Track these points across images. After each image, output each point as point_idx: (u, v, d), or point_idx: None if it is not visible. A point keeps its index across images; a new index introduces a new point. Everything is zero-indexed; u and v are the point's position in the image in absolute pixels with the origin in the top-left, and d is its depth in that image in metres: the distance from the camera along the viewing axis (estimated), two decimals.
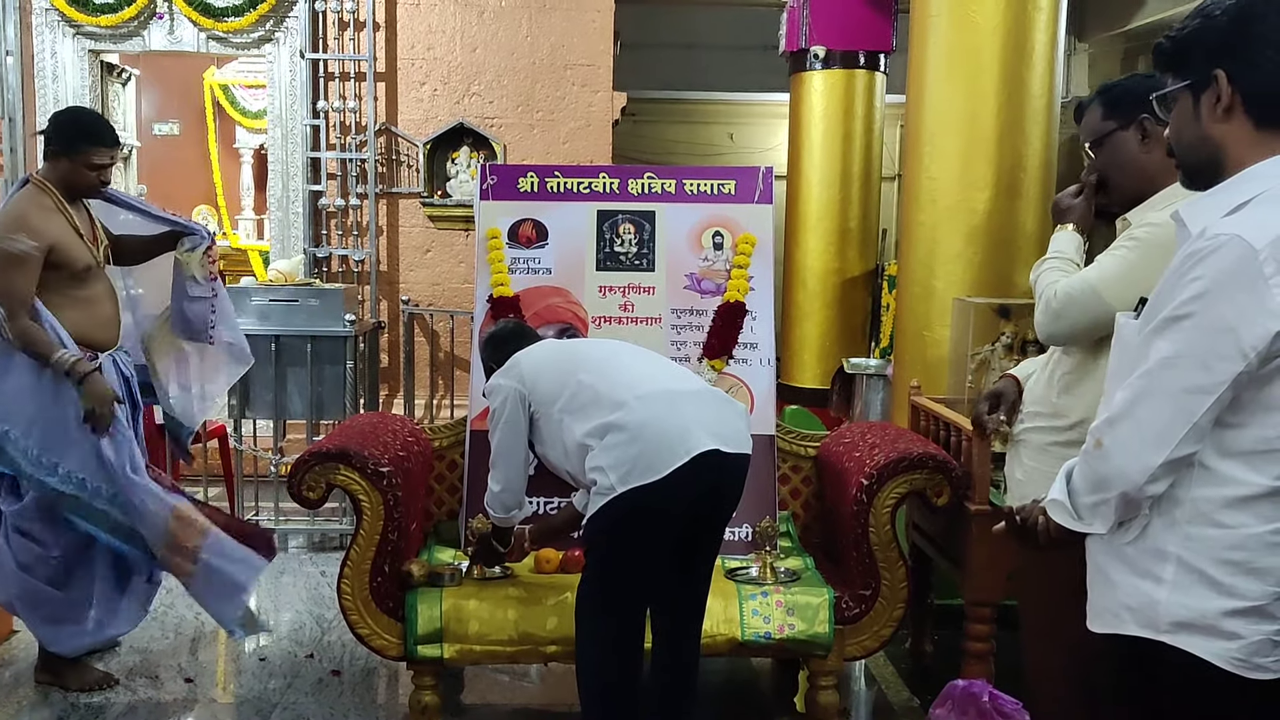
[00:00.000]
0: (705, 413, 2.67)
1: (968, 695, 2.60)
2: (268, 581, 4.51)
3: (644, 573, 2.68)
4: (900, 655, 3.72)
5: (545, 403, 2.81)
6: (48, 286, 3.24)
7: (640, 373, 2.78)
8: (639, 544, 2.63)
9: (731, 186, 3.68)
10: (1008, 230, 4.18)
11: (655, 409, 2.62)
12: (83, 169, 3.27)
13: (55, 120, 3.36)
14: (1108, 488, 1.56)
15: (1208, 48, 1.56)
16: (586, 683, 2.71)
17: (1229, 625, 1.50)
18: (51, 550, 3.31)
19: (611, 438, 2.60)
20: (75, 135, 3.29)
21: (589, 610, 2.71)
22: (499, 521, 3.00)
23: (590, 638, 2.70)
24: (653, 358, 2.96)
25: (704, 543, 2.80)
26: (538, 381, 2.84)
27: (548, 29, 6.38)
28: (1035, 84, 4.14)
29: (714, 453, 2.58)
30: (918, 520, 3.66)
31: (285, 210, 6.41)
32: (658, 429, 2.58)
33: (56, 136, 3.29)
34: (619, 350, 2.96)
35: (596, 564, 2.70)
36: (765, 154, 9.38)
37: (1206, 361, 1.46)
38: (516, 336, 3.08)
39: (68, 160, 3.26)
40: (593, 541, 2.69)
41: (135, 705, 3.32)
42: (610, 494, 2.56)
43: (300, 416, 5.12)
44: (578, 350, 3.01)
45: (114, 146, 3.35)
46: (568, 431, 2.74)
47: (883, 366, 6.23)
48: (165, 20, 6.19)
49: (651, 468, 2.54)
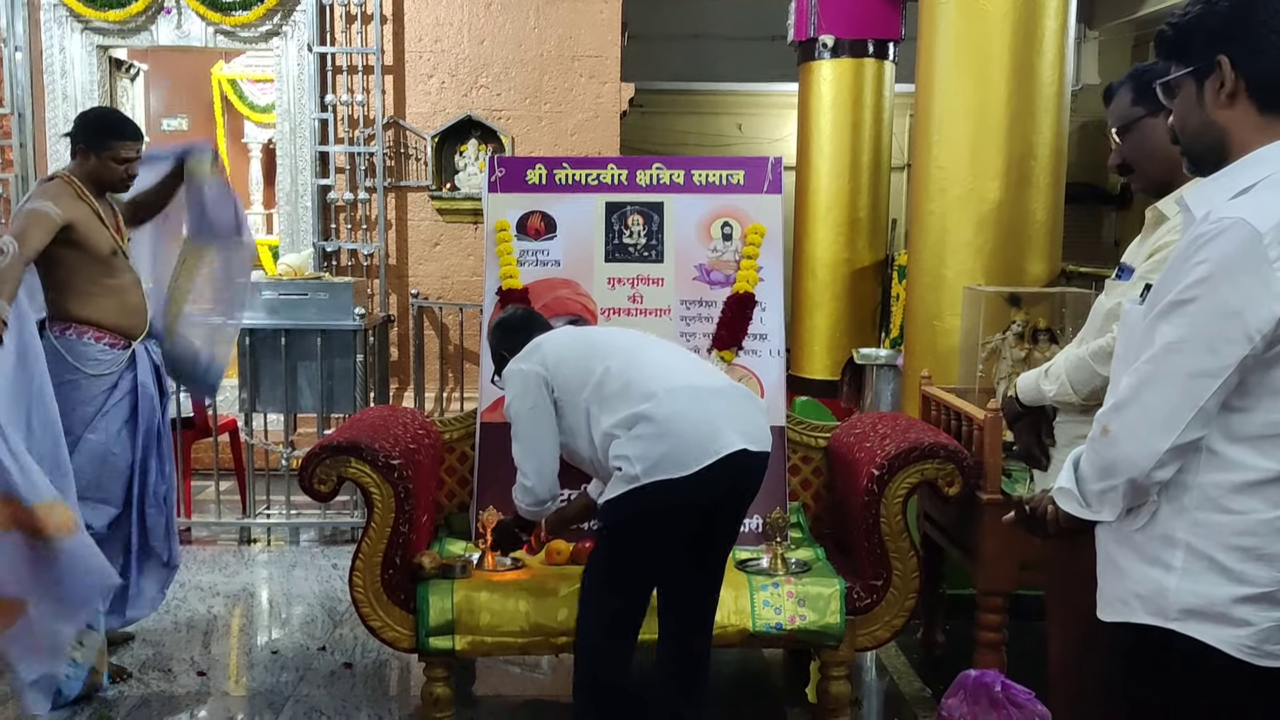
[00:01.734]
0: (734, 410, 2.66)
1: (980, 685, 2.60)
2: (280, 575, 4.53)
3: (654, 562, 2.68)
4: (912, 645, 3.71)
5: (570, 390, 2.76)
6: (80, 274, 3.36)
7: (667, 365, 2.75)
8: (654, 534, 2.62)
9: (740, 177, 3.67)
10: (1018, 219, 4.17)
11: (684, 403, 2.60)
12: (110, 163, 3.40)
13: (81, 120, 3.52)
14: (1115, 474, 1.56)
15: (1210, 33, 1.56)
16: (583, 664, 2.71)
17: (1239, 612, 1.49)
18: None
19: (641, 428, 2.58)
20: (101, 131, 3.42)
21: (594, 591, 2.70)
22: (529, 515, 2.95)
23: (591, 619, 2.69)
24: (676, 349, 2.94)
25: (720, 537, 2.79)
26: (560, 367, 2.79)
27: (555, 20, 6.36)
28: (1045, 72, 4.13)
29: (742, 452, 2.58)
30: (929, 510, 3.65)
31: (294, 204, 6.42)
32: (687, 425, 2.57)
33: (83, 134, 3.42)
34: (643, 340, 2.91)
35: (608, 547, 2.69)
36: (774, 144, 9.36)
37: (1212, 345, 1.46)
38: (528, 322, 3.04)
39: (95, 157, 3.39)
40: (609, 524, 2.67)
41: (148, 698, 3.33)
42: (635, 482, 2.54)
43: (311, 410, 5.13)
44: (602, 338, 2.96)
45: (138, 140, 3.49)
46: (594, 421, 2.69)
47: (893, 357, 6.23)
48: (173, 15, 6.19)
49: (680, 463, 2.53)
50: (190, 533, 4.93)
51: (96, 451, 3.37)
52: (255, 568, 4.66)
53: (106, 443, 3.39)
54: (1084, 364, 2.26)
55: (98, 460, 3.37)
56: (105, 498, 3.39)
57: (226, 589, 4.32)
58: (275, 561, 4.74)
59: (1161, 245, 2.17)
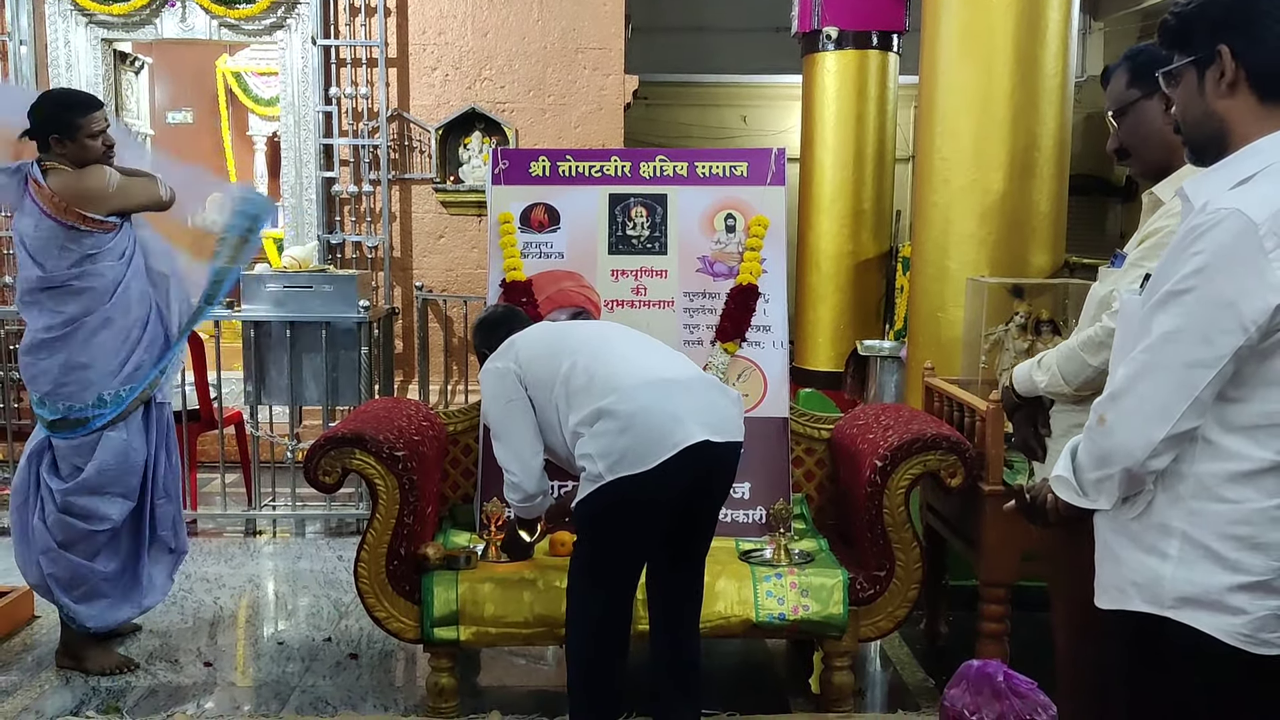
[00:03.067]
0: (697, 402, 2.64)
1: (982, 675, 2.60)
2: (286, 566, 4.55)
3: (631, 556, 2.69)
4: (915, 636, 3.72)
5: (541, 387, 2.77)
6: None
7: (632, 357, 2.74)
8: (626, 530, 2.63)
9: (744, 169, 3.67)
10: (1021, 210, 4.17)
11: (647, 397, 2.59)
12: (86, 141, 3.28)
13: (37, 113, 3.32)
14: (1110, 463, 1.56)
15: (1212, 23, 1.56)
16: (573, 659, 2.73)
17: (1234, 600, 1.50)
18: (98, 525, 3.36)
19: (602, 425, 2.58)
20: (68, 113, 3.29)
21: (578, 590, 2.71)
22: (522, 513, 2.96)
23: (578, 617, 2.71)
24: (644, 341, 2.90)
25: (697, 529, 2.79)
26: (531, 364, 2.80)
27: (558, 13, 6.36)
28: (1049, 63, 4.12)
29: (704, 444, 2.56)
30: (932, 501, 3.66)
31: (299, 197, 6.43)
32: (648, 419, 2.55)
33: (50, 124, 3.27)
34: (611, 334, 2.91)
35: (585, 546, 2.71)
36: (779, 136, 9.35)
37: (1208, 335, 1.46)
38: (507, 320, 3.05)
39: (71, 141, 3.27)
40: (581, 526, 2.69)
41: (155, 688, 3.35)
42: (598, 481, 2.55)
43: (315, 402, 5.14)
44: (570, 333, 2.95)
45: (102, 107, 3.37)
46: (563, 418, 2.70)
47: (896, 349, 6.23)
48: (177, 8, 6.20)
49: (641, 459, 2.52)
50: (196, 525, 4.95)
51: (119, 448, 3.37)
52: (261, 559, 4.68)
53: (128, 438, 3.38)
54: (1074, 354, 2.25)
55: (120, 456, 3.37)
56: (124, 492, 3.39)
57: (232, 580, 4.34)
58: (281, 553, 4.76)
59: (1154, 231, 2.15)
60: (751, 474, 3.45)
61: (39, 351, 3.30)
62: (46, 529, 3.36)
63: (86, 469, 3.33)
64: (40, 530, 3.37)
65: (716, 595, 3.02)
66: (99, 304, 3.28)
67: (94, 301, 3.28)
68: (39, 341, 3.30)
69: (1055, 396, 2.34)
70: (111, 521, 3.38)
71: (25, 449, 3.44)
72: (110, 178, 3.28)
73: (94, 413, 3.31)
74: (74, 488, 3.33)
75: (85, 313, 3.27)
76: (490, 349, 2.95)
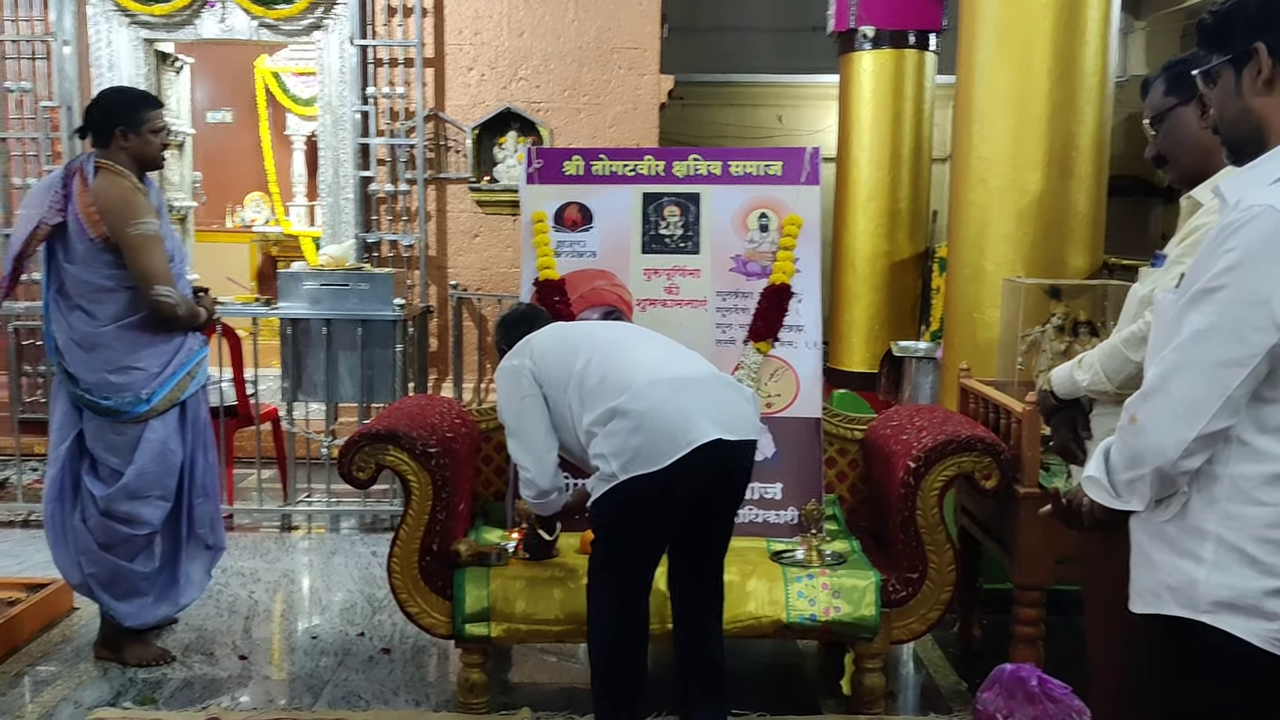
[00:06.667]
0: (710, 400, 2.64)
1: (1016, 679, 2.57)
2: (320, 562, 4.59)
3: (646, 553, 2.70)
4: (948, 639, 3.69)
5: (555, 386, 2.79)
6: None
7: (647, 356, 2.75)
8: (641, 528, 2.65)
9: (778, 168, 3.65)
10: (1059, 210, 4.12)
11: (659, 396, 2.59)
12: (149, 136, 3.34)
13: (102, 105, 3.39)
14: (1142, 463, 1.55)
15: (1248, 21, 1.55)
16: (594, 654, 2.74)
17: (1270, 605, 1.47)
18: (139, 530, 3.40)
19: (615, 424, 2.59)
20: (135, 106, 3.36)
21: (597, 587, 2.73)
22: (537, 509, 2.98)
23: (599, 613, 2.72)
24: (659, 341, 2.91)
25: (715, 529, 2.80)
26: (545, 363, 2.82)
27: (594, 12, 6.37)
28: (1088, 62, 4.07)
29: (717, 442, 2.56)
30: (966, 503, 3.63)
31: (336, 196, 6.48)
32: (661, 418, 2.56)
33: (119, 115, 3.32)
34: (626, 333, 2.93)
35: (601, 544, 2.71)
36: (815, 136, 9.32)
37: (1240, 333, 1.45)
38: (528, 319, 3.07)
39: (135, 135, 3.32)
40: (597, 524, 2.70)
41: (191, 680, 3.39)
42: (612, 481, 2.56)
43: (351, 400, 5.18)
44: (585, 332, 2.97)
45: (164, 106, 3.44)
46: (577, 417, 2.72)
47: (931, 349, 6.18)
48: (217, 8, 6.27)
49: (653, 458, 2.53)
50: (232, 519, 5.00)
51: (156, 449, 3.38)
52: (296, 554, 4.72)
53: (165, 439, 3.40)
54: (1116, 351, 2.23)
55: (158, 458, 3.39)
56: (163, 494, 3.42)
57: (268, 575, 4.38)
58: (315, 548, 4.80)
59: (1194, 229, 2.15)
60: (784, 474, 3.44)
61: (83, 348, 3.33)
62: (88, 530, 3.39)
63: (126, 473, 3.35)
64: (81, 531, 3.40)
65: (748, 595, 3.01)
66: (137, 309, 3.32)
67: (133, 304, 3.32)
68: (84, 335, 3.33)
69: (1097, 395, 2.31)
70: (151, 525, 3.42)
71: (53, 448, 3.41)
72: (146, 226, 3.26)
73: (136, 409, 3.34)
74: (115, 493, 3.36)
75: (125, 314, 3.31)
76: (510, 346, 2.98)
